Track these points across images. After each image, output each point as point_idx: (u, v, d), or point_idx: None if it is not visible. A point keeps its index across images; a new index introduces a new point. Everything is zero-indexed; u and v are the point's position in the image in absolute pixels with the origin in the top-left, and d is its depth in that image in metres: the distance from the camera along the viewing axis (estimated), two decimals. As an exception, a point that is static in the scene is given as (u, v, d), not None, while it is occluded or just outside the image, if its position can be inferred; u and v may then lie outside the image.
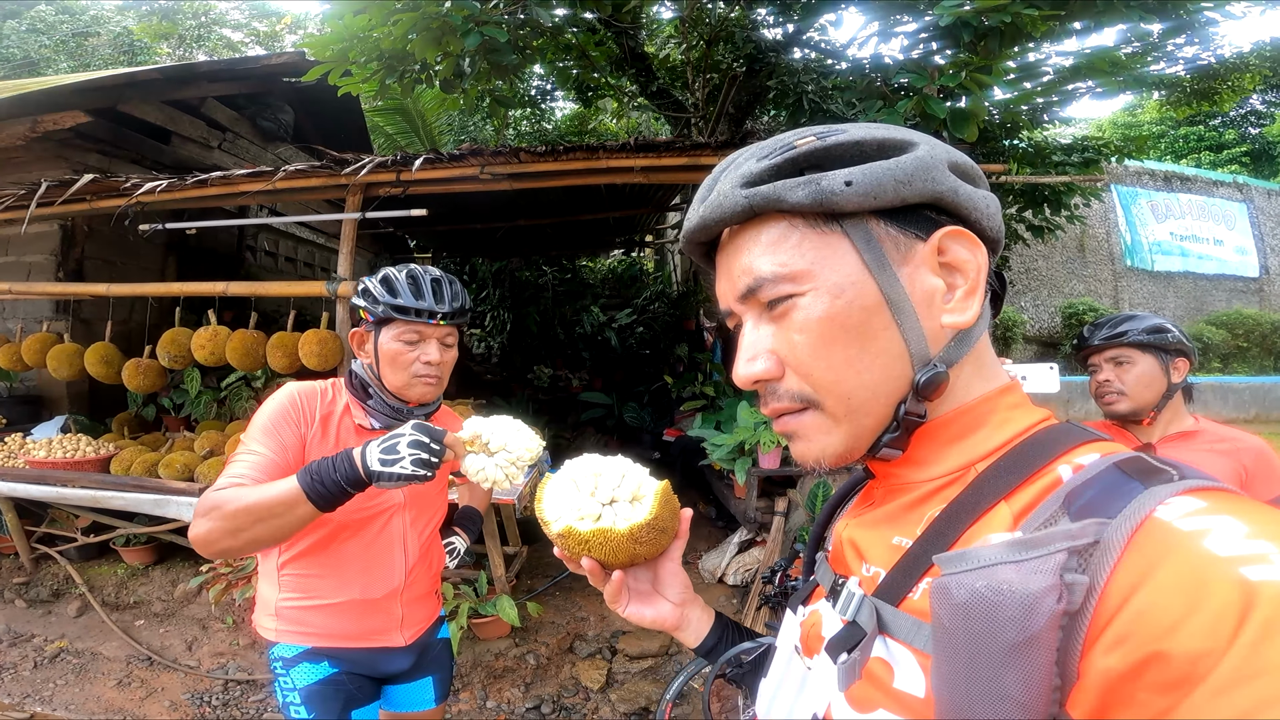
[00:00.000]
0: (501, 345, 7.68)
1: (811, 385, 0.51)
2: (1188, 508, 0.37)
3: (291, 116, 6.16)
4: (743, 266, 0.52)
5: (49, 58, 14.35)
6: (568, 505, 0.67)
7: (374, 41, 3.23)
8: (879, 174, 0.48)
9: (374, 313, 1.36)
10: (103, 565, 3.64)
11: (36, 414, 4.19)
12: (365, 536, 1.41)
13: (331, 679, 1.43)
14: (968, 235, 0.50)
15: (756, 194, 0.50)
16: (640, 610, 0.71)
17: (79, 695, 2.80)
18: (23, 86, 4.01)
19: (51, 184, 3.03)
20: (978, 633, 0.36)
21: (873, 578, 0.52)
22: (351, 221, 2.94)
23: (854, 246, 0.49)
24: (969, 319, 0.50)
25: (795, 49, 4.49)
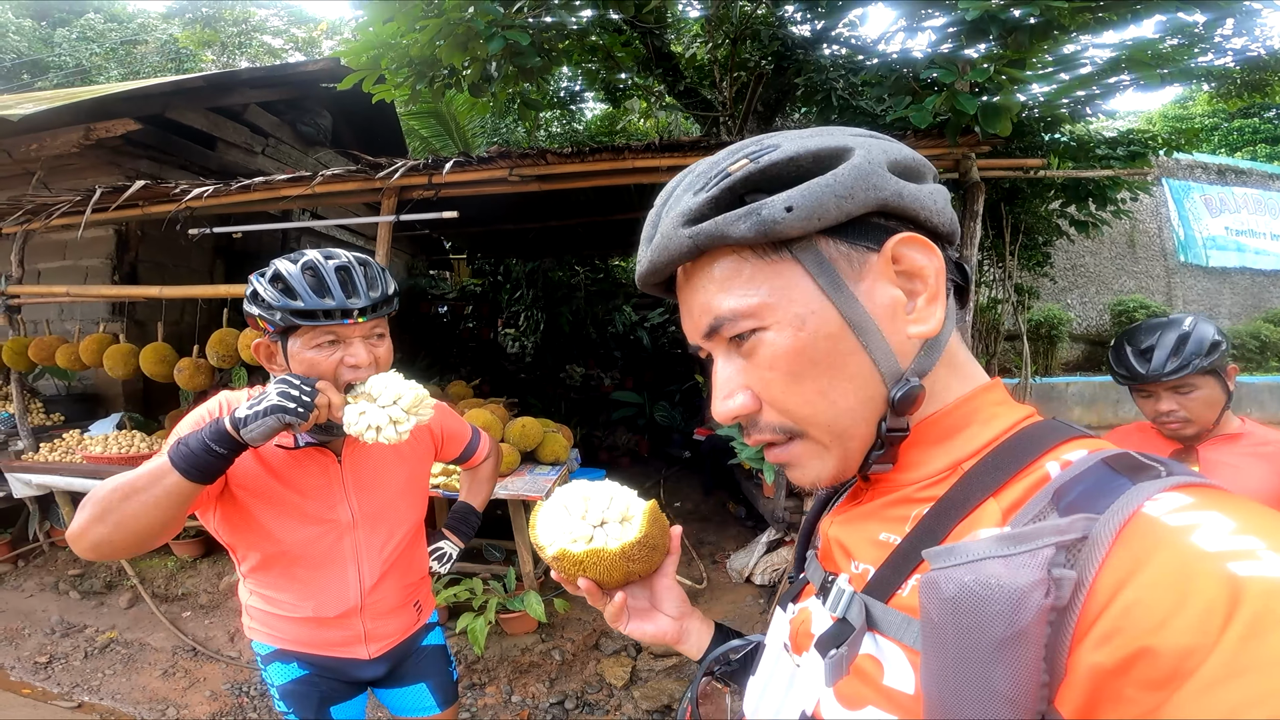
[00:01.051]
0: (535, 344, 7.76)
1: (791, 418, 0.51)
2: (1175, 503, 0.37)
3: (330, 121, 6.32)
4: (701, 305, 0.52)
5: (100, 65, 14.94)
6: (560, 529, 0.69)
7: (403, 48, 3.31)
8: (818, 193, 0.46)
9: (272, 322, 1.13)
10: (154, 558, 3.78)
11: (93, 412, 4.39)
12: (311, 560, 1.31)
13: (304, 679, 1.41)
14: (920, 240, 0.49)
15: (699, 232, 0.48)
16: (641, 626, 0.72)
17: (125, 685, 2.90)
18: (75, 95, 4.19)
19: (106, 190, 3.16)
20: (966, 628, 0.36)
21: (862, 574, 0.52)
22: (387, 224, 3.01)
23: (807, 271, 0.48)
24: (934, 327, 0.49)
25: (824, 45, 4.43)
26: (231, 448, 1.03)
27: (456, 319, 8.11)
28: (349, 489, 1.33)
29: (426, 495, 1.53)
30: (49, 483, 3.48)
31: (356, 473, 1.35)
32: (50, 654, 3.10)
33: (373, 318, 1.18)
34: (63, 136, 3.83)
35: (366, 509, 1.35)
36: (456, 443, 1.59)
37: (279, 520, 1.27)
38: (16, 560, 3.90)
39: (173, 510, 1.05)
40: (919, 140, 2.79)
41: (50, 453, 3.64)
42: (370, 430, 1.10)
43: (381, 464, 1.38)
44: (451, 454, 1.60)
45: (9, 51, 14.32)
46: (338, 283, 1.15)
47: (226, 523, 1.27)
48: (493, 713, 2.68)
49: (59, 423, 4.14)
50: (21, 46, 14.54)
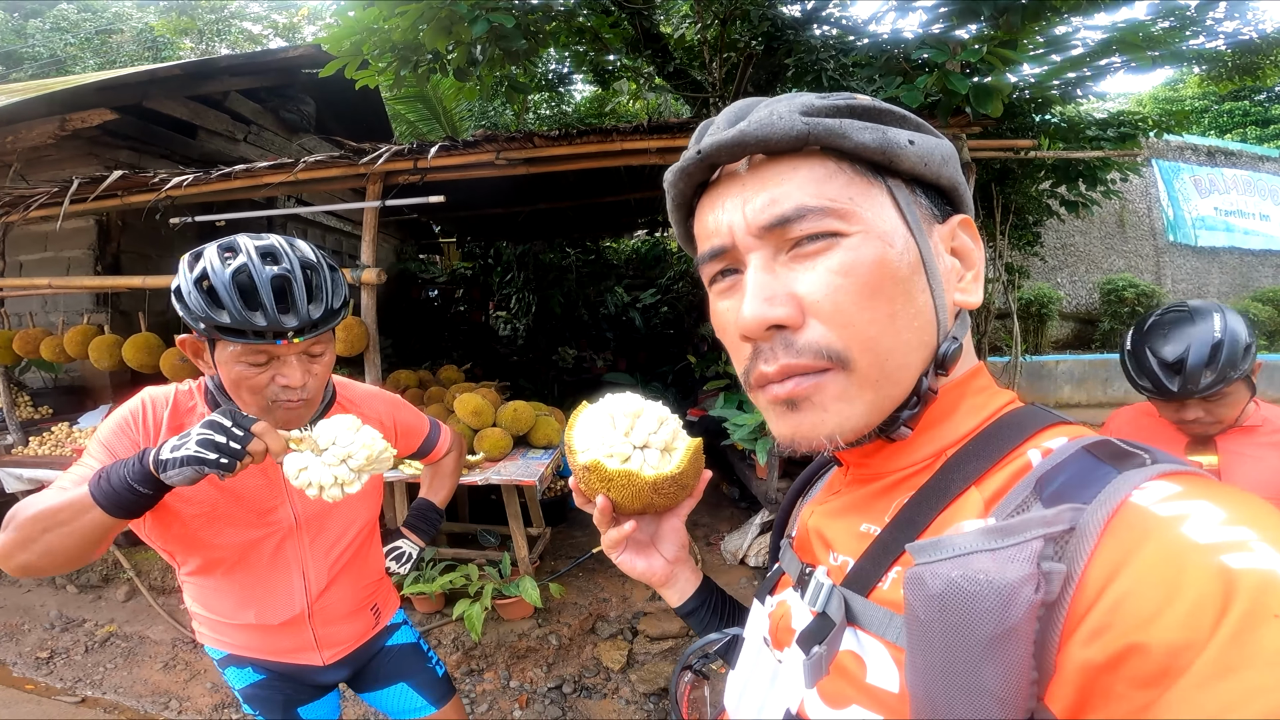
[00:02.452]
0: (526, 327, 7.74)
1: (846, 338, 0.45)
2: (1163, 492, 0.36)
3: (313, 108, 6.24)
4: (772, 196, 0.47)
5: (75, 55, 14.63)
6: (599, 439, 0.66)
7: (385, 33, 3.25)
8: (932, 145, 0.49)
9: (195, 328, 1.04)
10: (149, 550, 3.69)
11: (80, 404, 4.34)
12: (252, 566, 1.23)
13: (263, 683, 1.36)
14: (974, 228, 0.52)
15: (819, 124, 0.46)
16: (633, 560, 0.71)
17: (127, 678, 2.91)
18: (48, 86, 4.10)
19: (83, 181, 3.10)
20: (953, 625, 0.35)
21: (840, 567, 0.51)
22: (372, 209, 2.98)
23: (895, 204, 0.48)
24: (976, 301, 0.51)
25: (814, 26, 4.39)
26: (156, 489, 0.93)
27: (447, 303, 8.07)
28: (290, 489, 1.24)
29: (379, 492, 1.43)
30: (41, 477, 3.42)
31: None
32: (51, 649, 3.11)
33: (310, 337, 1.06)
34: (38, 128, 3.74)
35: (311, 510, 1.26)
36: (413, 436, 1.50)
37: (214, 526, 1.18)
38: None
39: (97, 538, 0.98)
40: (910, 120, 2.77)
41: (40, 446, 3.60)
42: (311, 487, 0.97)
43: None
44: (408, 449, 1.50)
45: (-20, 43, 14.00)
46: (271, 296, 1.02)
47: (158, 529, 1.18)
48: (491, 698, 2.70)
49: (47, 415, 4.09)
50: (-11, 40, 14.23)
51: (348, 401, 1.34)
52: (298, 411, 1.13)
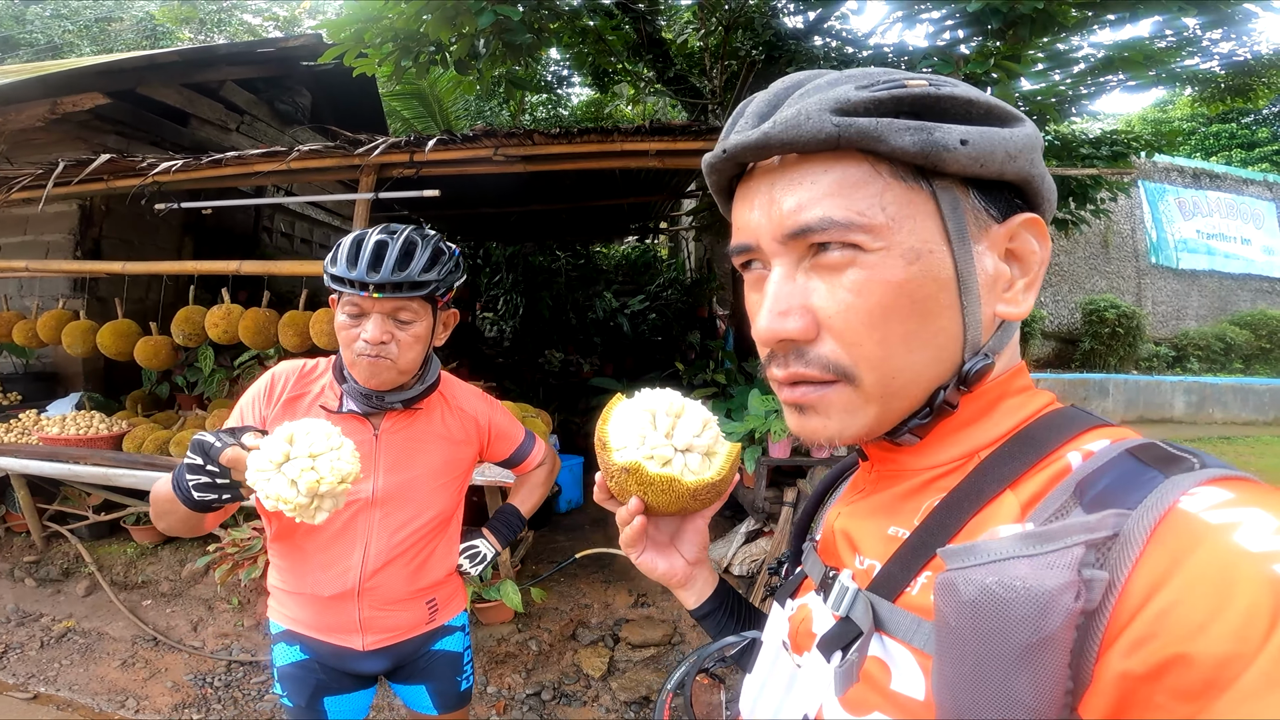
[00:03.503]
0: (514, 329, 7.72)
1: (854, 356, 0.45)
2: (1214, 499, 0.34)
3: (309, 100, 6.21)
4: (798, 202, 0.45)
5: (72, 43, 14.53)
6: (640, 439, 0.62)
7: (388, 22, 3.22)
8: (993, 140, 0.43)
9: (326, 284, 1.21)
10: (113, 544, 3.67)
11: (52, 391, 4.25)
12: (324, 532, 1.27)
13: (303, 664, 1.37)
14: (1042, 227, 0.47)
15: (851, 125, 0.42)
16: (654, 560, 0.68)
17: (83, 675, 2.82)
18: (43, 68, 4.06)
19: (69, 163, 3.05)
20: (987, 633, 0.33)
21: (867, 570, 0.49)
22: (364, 202, 2.94)
23: (938, 211, 0.44)
24: (1023, 312, 0.47)
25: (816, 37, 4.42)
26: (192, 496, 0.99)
27: None
28: (379, 464, 1.29)
29: (462, 487, 1.44)
30: (3, 465, 3.34)
31: (391, 449, 1.30)
32: (5, 644, 2.99)
33: (390, 296, 1.16)
34: (28, 110, 3.69)
35: (390, 488, 1.30)
36: (505, 442, 1.50)
37: None
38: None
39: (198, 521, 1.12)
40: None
41: (5, 434, 3.50)
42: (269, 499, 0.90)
43: (419, 443, 1.34)
44: (499, 454, 1.50)
45: (-23, 30, 13.85)
46: (369, 255, 1.15)
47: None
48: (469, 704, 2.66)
49: (15, 402, 3.99)
50: (-11, 25, 14.08)
51: (449, 393, 1.40)
52: (377, 367, 1.19)
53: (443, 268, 1.22)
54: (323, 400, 1.29)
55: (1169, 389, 8.37)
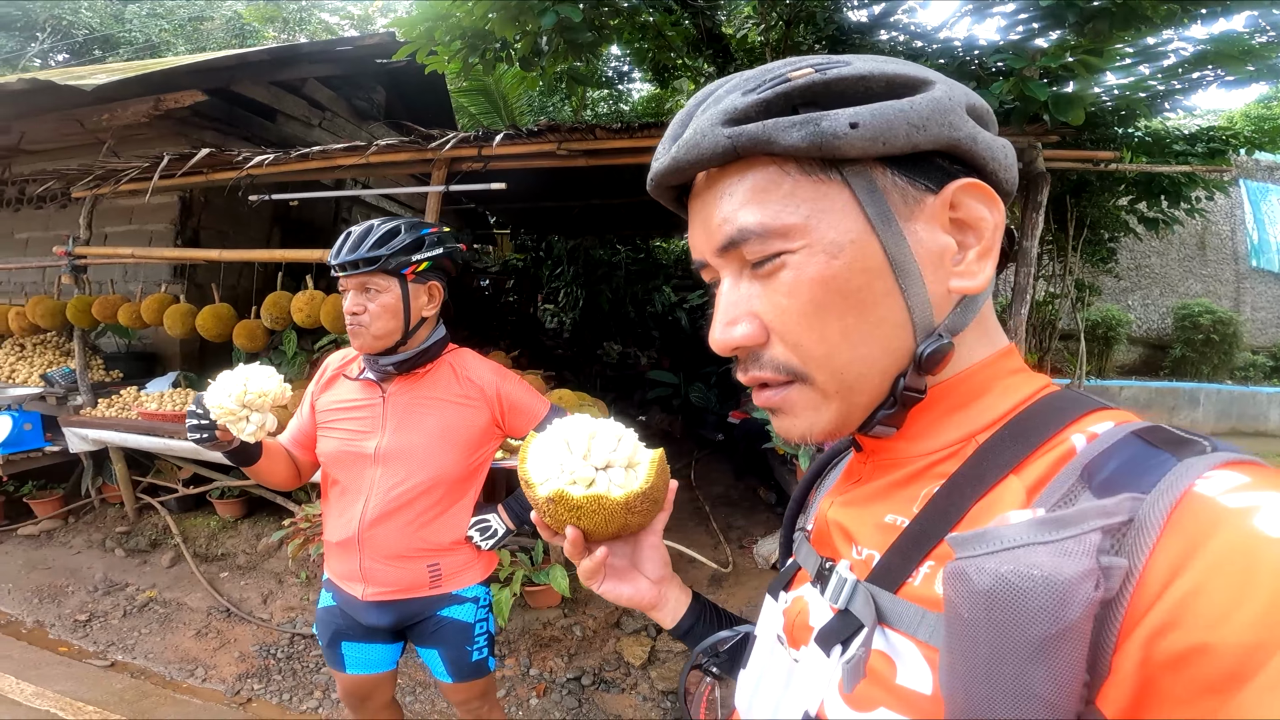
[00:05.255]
0: (573, 321, 7.84)
1: (800, 357, 0.45)
2: (1231, 482, 0.33)
3: (383, 97, 6.46)
4: (723, 215, 0.45)
5: (168, 41, 15.46)
6: (557, 467, 0.62)
7: (456, 21, 3.33)
8: (889, 116, 0.41)
9: None
10: (198, 517, 3.88)
11: (151, 370, 4.57)
12: (343, 482, 1.47)
13: (330, 609, 1.54)
14: (985, 189, 0.44)
15: (742, 134, 0.42)
16: (618, 587, 0.66)
17: (159, 644, 2.94)
18: (146, 67, 4.32)
19: (173, 157, 3.27)
20: (1002, 624, 0.32)
21: (865, 561, 0.47)
22: (436, 194, 3.06)
23: (855, 198, 0.43)
24: (980, 284, 0.44)
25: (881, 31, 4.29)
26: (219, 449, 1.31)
27: (498, 293, 8.25)
28: (385, 424, 1.44)
29: (466, 452, 1.49)
30: (104, 438, 3.59)
31: (397, 410, 1.45)
32: (90, 612, 3.16)
33: (353, 274, 1.35)
34: (133, 107, 3.95)
35: (392, 446, 1.43)
36: (524, 416, 1.54)
37: (330, 441, 1.48)
38: (67, 516, 4.03)
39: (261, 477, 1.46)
40: (982, 127, 2.68)
41: (107, 409, 3.76)
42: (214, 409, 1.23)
43: (422, 405, 1.45)
44: (518, 428, 1.55)
45: (81, 27, 14.93)
46: (342, 244, 1.36)
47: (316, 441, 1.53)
48: (510, 684, 2.71)
49: (118, 380, 4.26)
50: (94, 22, 15.12)
51: (458, 363, 1.52)
52: (356, 333, 1.39)
53: (394, 245, 1.35)
54: (349, 371, 1.51)
55: (1265, 400, 7.74)
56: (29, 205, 5.24)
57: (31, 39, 14.35)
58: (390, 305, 1.37)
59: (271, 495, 3.72)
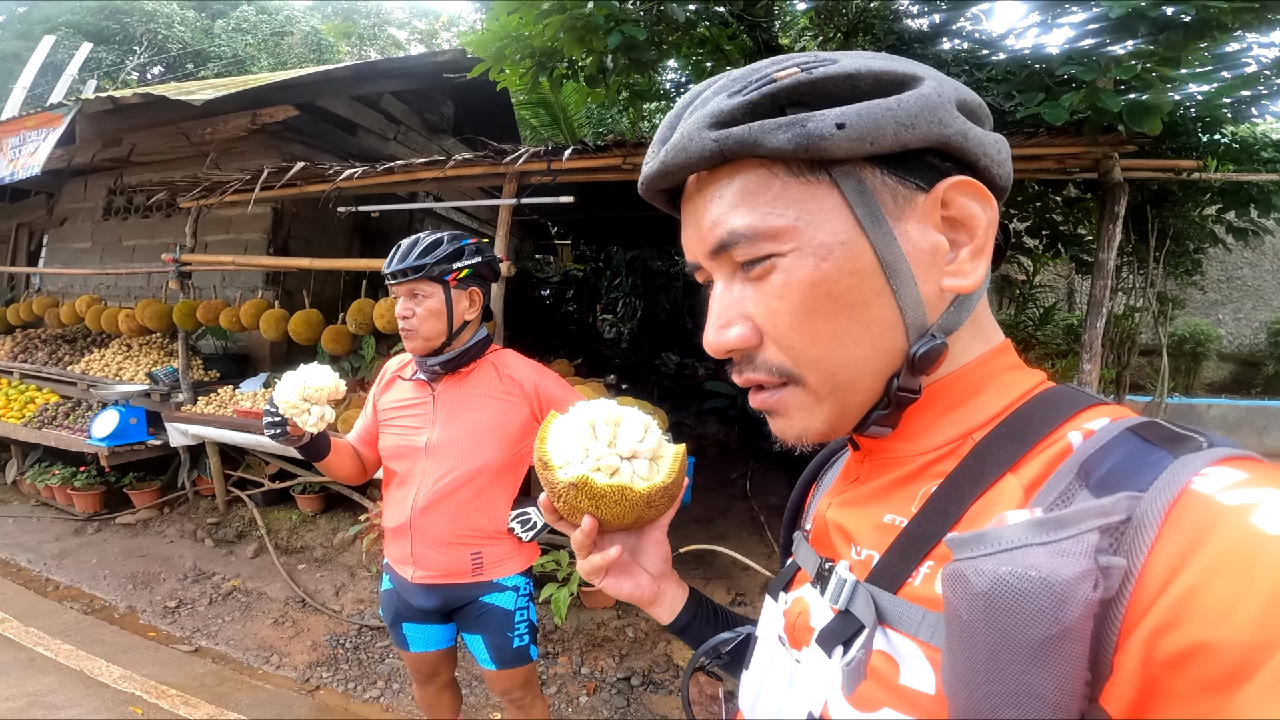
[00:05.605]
0: (631, 331, 7.92)
1: (792, 360, 0.45)
2: (1228, 479, 0.33)
3: (452, 111, 6.69)
4: (713, 218, 0.45)
5: (253, 55, 16.40)
6: (582, 452, 0.59)
7: (526, 40, 3.48)
8: (877, 115, 0.40)
9: None
10: (280, 510, 4.08)
11: (243, 371, 4.85)
12: (400, 474, 1.60)
13: (389, 591, 1.69)
14: (977, 187, 0.43)
15: (728, 136, 0.42)
16: (619, 582, 0.64)
17: (240, 632, 3.07)
18: (246, 82, 4.57)
19: (271, 170, 3.49)
20: (1002, 626, 0.32)
21: (865, 561, 0.47)
22: (508, 207, 3.20)
23: (844, 199, 0.42)
24: (972, 283, 0.44)
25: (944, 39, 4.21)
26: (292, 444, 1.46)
27: (558, 302, 8.42)
28: (435, 420, 1.57)
29: (507, 445, 1.58)
30: (202, 433, 3.86)
31: (445, 406, 1.58)
32: (179, 599, 3.32)
33: (402, 281, 1.49)
34: (233, 121, 4.24)
35: (441, 440, 1.55)
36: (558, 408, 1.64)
37: (389, 437, 1.62)
38: (163, 507, 4.29)
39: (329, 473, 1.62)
40: (1053, 138, 2.63)
41: (206, 406, 4.02)
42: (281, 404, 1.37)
43: (468, 401, 1.58)
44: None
45: (175, 42, 16.06)
46: (396, 252, 1.50)
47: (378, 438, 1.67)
48: (561, 681, 2.76)
49: (215, 379, 4.54)
50: (186, 37, 16.21)
51: (500, 363, 1.63)
52: (410, 337, 1.52)
53: (438, 254, 1.48)
54: (404, 373, 1.65)
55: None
56: (136, 214, 5.69)
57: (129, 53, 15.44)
58: (435, 309, 1.50)
59: (348, 492, 3.91)
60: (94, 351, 4.88)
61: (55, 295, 5.40)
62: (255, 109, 4.15)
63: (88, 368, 4.63)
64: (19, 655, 2.72)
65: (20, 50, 14.59)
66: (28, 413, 4.47)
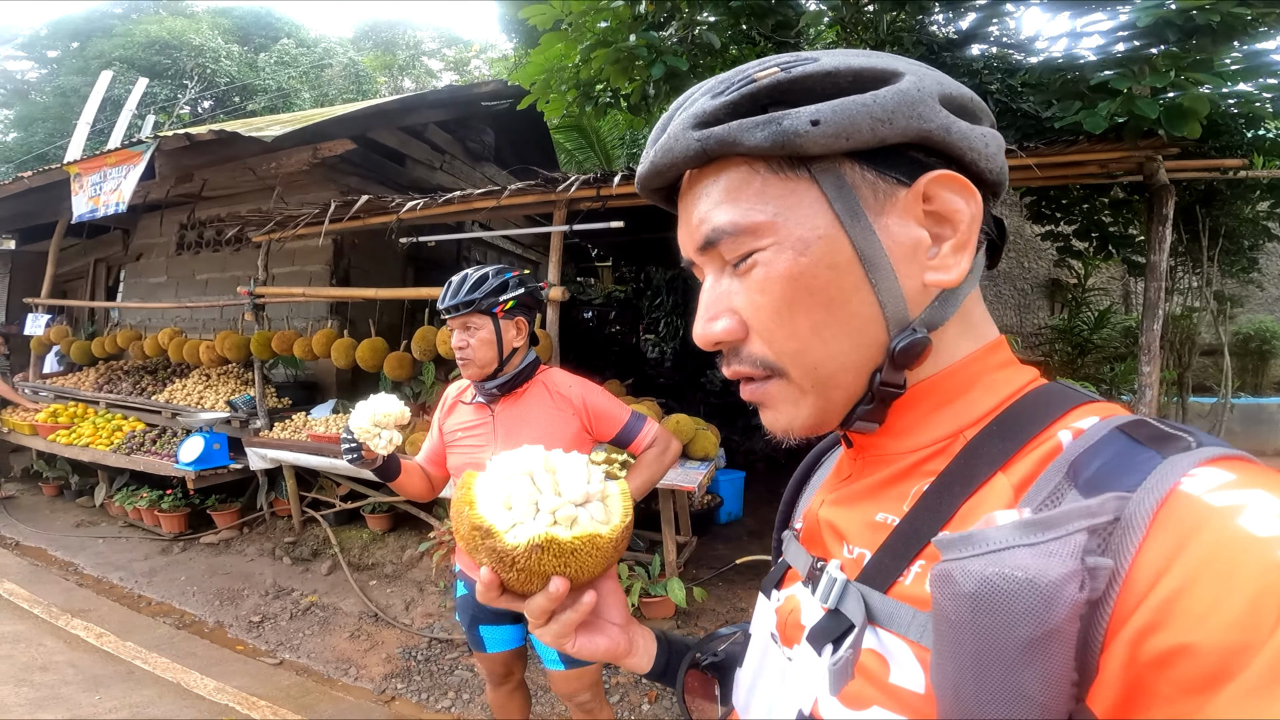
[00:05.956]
0: (674, 350, 7.99)
1: (775, 353, 0.46)
2: (1216, 480, 0.33)
3: (492, 138, 6.86)
4: (700, 215, 0.47)
5: (296, 88, 17.06)
6: (532, 508, 0.53)
7: (571, 72, 3.65)
8: (852, 111, 0.41)
9: None
10: (352, 530, 4.24)
11: (311, 398, 5.04)
12: None
13: (464, 597, 1.81)
14: (959, 180, 0.43)
15: (710, 136, 0.43)
16: (593, 640, 0.60)
17: (319, 645, 3.19)
18: (310, 118, 4.75)
19: (338, 204, 3.68)
20: (989, 627, 0.32)
21: (856, 560, 0.47)
22: (559, 234, 3.34)
23: (823, 194, 0.43)
24: (955, 277, 0.43)
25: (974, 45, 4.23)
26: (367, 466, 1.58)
27: (601, 324, 8.52)
28: (497, 438, 1.69)
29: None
30: (280, 457, 4.07)
31: (504, 424, 1.71)
32: (263, 614, 3.45)
33: (455, 315, 1.63)
34: (295, 156, 4.41)
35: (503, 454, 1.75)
36: (607, 422, 1.75)
37: (457, 457, 1.74)
38: (243, 527, 4.48)
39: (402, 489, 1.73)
40: (1093, 144, 2.66)
41: (281, 431, 4.22)
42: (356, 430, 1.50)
43: (525, 417, 1.71)
44: (604, 433, 1.77)
45: (223, 75, 16.80)
46: (448, 289, 1.64)
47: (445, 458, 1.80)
48: (623, 690, 2.82)
49: (286, 406, 4.74)
50: (232, 71, 16.96)
51: (549, 381, 1.76)
52: (467, 365, 1.65)
53: (485, 289, 1.62)
54: (464, 397, 1.78)
55: None
56: (207, 248, 5.99)
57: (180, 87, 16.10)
58: (486, 339, 1.63)
59: (415, 510, 4.08)
60: (175, 381, 5.19)
61: (136, 329, 5.70)
62: (316, 144, 4.32)
63: (170, 397, 4.92)
64: (119, 668, 2.87)
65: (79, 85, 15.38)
66: (116, 439, 4.77)
